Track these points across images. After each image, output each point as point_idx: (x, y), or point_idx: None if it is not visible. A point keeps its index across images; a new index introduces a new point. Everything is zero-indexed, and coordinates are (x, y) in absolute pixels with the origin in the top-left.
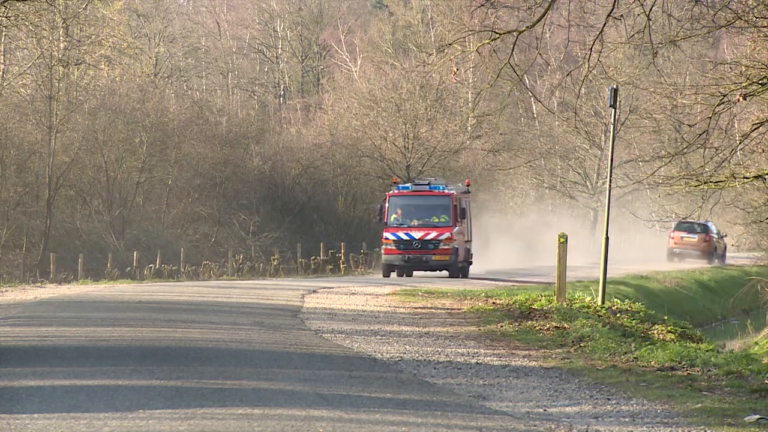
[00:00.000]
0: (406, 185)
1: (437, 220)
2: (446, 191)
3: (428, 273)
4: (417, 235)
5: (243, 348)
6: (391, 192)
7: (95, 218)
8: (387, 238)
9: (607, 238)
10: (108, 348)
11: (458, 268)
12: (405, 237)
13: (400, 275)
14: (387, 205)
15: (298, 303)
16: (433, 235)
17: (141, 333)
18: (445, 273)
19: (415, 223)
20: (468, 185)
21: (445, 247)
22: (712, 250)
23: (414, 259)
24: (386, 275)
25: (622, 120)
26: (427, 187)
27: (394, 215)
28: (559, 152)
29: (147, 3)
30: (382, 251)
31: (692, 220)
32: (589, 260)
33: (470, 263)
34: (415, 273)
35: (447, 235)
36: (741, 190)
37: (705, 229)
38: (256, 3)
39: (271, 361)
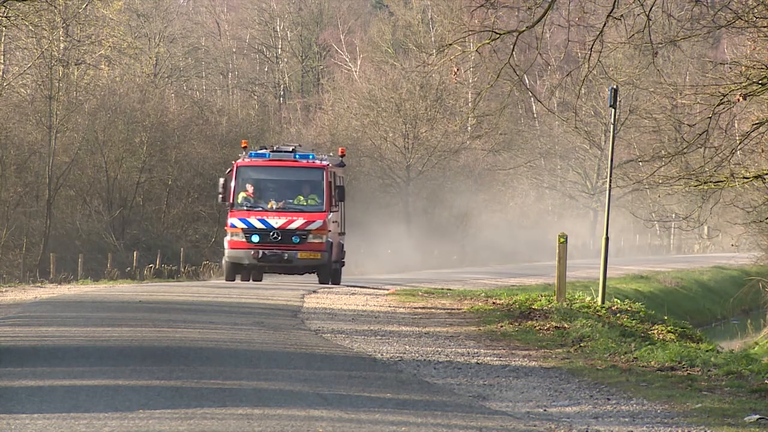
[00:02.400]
0: (262, 152)
1: (305, 203)
2: (318, 162)
3: (287, 276)
4: (276, 222)
5: (243, 348)
6: (239, 161)
7: (95, 218)
8: (233, 226)
9: (607, 238)
10: (108, 348)
11: (331, 270)
12: (259, 225)
13: (245, 279)
14: (234, 178)
15: (298, 303)
16: (299, 222)
17: (141, 333)
18: (305, 276)
19: (274, 205)
20: (342, 155)
21: (316, 240)
22: None
23: (271, 256)
24: (230, 278)
25: (622, 120)
26: (292, 155)
27: (243, 194)
28: (559, 152)
29: (147, 3)
30: (226, 244)
31: None
32: (588, 260)
33: (343, 264)
34: (272, 276)
35: (319, 223)
36: (741, 190)
37: None
38: (256, 3)
39: (271, 361)
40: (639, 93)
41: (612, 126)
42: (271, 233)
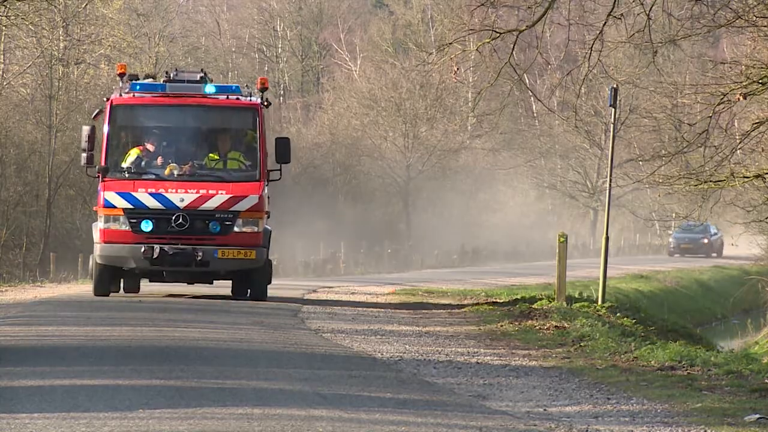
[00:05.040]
0: (153, 82)
1: (219, 165)
2: (245, 99)
3: (188, 288)
4: (182, 199)
5: (243, 348)
6: (117, 96)
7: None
8: (109, 205)
9: (607, 238)
10: (108, 348)
11: (267, 276)
12: (153, 203)
13: (114, 289)
14: (108, 126)
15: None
16: (219, 199)
17: (141, 333)
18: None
19: (175, 170)
20: (264, 87)
21: (248, 228)
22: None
23: (175, 255)
24: (102, 291)
25: (622, 119)
26: (201, 87)
27: (135, 150)
28: (559, 152)
29: (147, 2)
30: (96, 235)
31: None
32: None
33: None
34: (157, 286)
35: (253, 200)
36: (741, 189)
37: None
38: (256, 2)
39: (271, 360)
40: (639, 92)
41: (612, 125)
42: (174, 217)
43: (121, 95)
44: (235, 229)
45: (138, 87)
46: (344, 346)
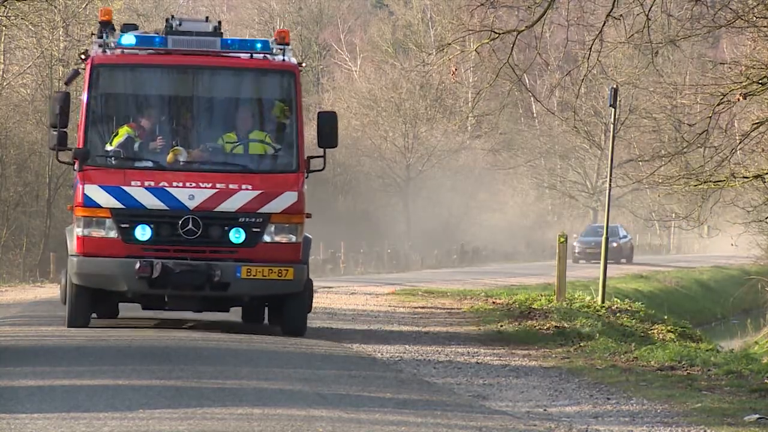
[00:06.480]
0: (143, 32)
1: (238, 150)
2: (275, 58)
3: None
4: (191, 197)
5: (243, 348)
6: (101, 53)
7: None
8: (90, 204)
9: (607, 238)
10: (108, 348)
11: (306, 300)
12: (153, 202)
13: (88, 314)
14: (88, 94)
15: None
16: (244, 197)
17: (141, 333)
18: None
19: (180, 156)
20: (284, 41)
21: (283, 237)
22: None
23: (181, 274)
24: (78, 320)
25: (621, 120)
26: (216, 41)
27: (125, 129)
28: (559, 152)
29: (147, 3)
30: (72, 245)
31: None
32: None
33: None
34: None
35: (291, 198)
36: (741, 189)
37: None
38: (256, 3)
39: (271, 360)
40: (639, 93)
41: (612, 126)
42: (182, 222)
43: (105, 52)
44: (266, 238)
45: (124, 40)
46: (344, 346)
